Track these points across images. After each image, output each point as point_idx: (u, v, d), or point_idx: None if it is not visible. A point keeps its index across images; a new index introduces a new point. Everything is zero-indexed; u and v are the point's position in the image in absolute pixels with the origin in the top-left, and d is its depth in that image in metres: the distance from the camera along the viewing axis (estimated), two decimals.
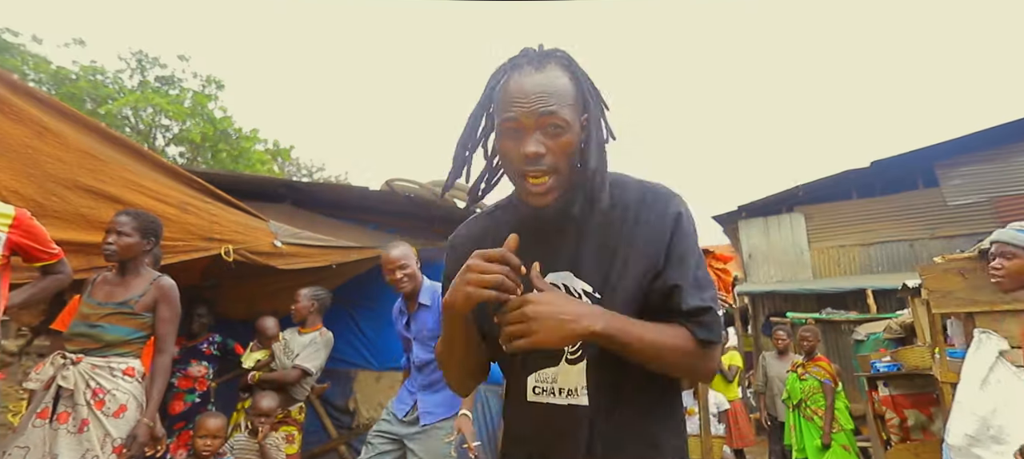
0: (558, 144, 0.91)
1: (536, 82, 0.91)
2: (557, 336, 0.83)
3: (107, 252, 2.25)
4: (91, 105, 13.19)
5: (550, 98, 0.90)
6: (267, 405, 3.00)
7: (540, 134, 0.90)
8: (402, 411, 2.70)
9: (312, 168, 19.40)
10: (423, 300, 2.65)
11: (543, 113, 0.89)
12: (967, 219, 10.37)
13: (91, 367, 2.14)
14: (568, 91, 0.93)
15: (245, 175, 5.12)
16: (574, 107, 0.93)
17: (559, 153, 0.91)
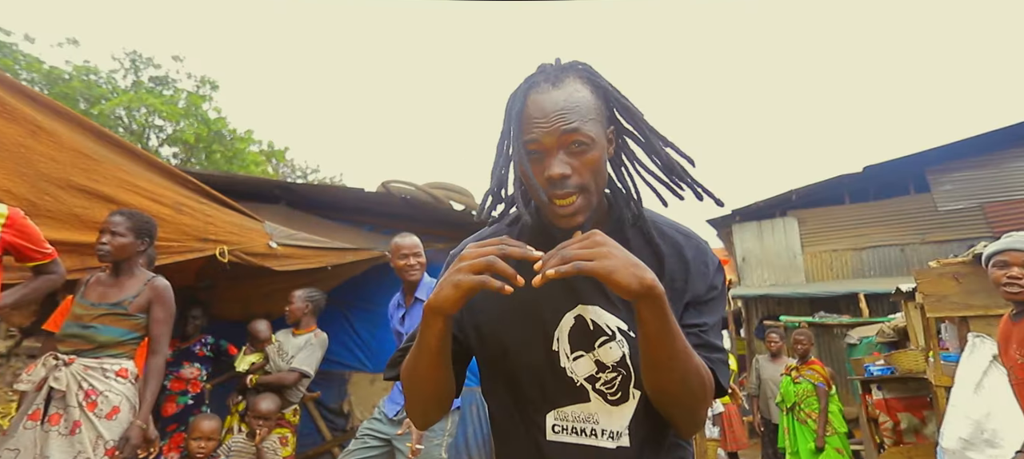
0: (583, 162, 0.85)
1: (554, 99, 0.86)
2: (628, 273, 0.73)
3: (101, 252, 2.23)
4: (84, 105, 13.09)
5: (571, 115, 0.84)
6: (266, 407, 2.98)
7: (564, 154, 0.85)
8: (392, 410, 2.68)
9: (307, 170, 19.32)
10: (420, 295, 2.68)
11: (565, 131, 0.84)
12: (958, 224, 10.47)
13: (84, 368, 2.11)
14: (590, 105, 0.87)
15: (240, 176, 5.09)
16: (598, 121, 0.87)
17: (585, 171, 0.85)
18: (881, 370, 4.50)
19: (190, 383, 3.55)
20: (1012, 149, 10.33)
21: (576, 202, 0.85)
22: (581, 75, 0.90)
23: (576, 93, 0.87)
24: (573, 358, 0.92)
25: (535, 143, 0.85)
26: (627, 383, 0.90)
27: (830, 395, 4.68)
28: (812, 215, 11.42)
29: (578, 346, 0.91)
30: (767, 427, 5.41)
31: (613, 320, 0.90)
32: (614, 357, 0.90)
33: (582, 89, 0.88)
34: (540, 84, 0.88)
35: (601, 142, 0.87)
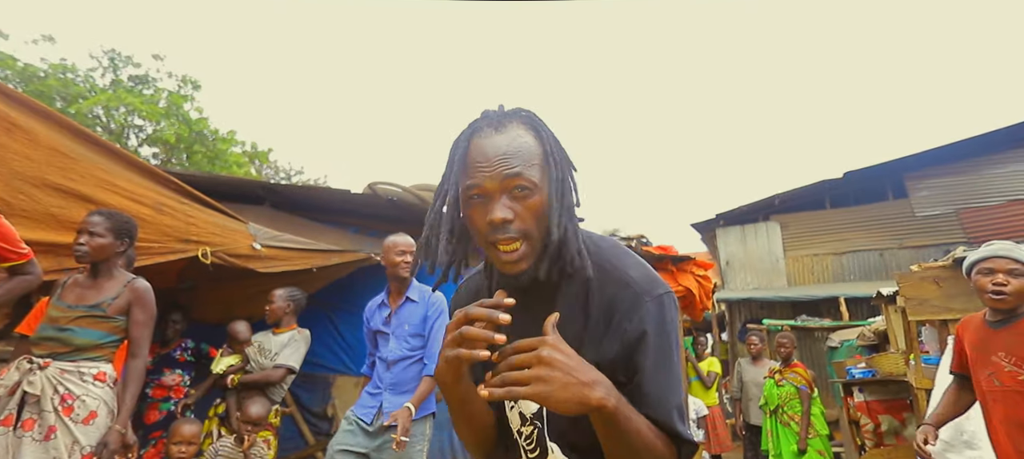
0: (526, 207, 0.83)
1: (497, 144, 0.84)
2: (566, 396, 0.71)
3: (78, 253, 2.17)
4: (61, 104, 12.80)
5: (513, 159, 0.83)
6: (256, 412, 2.92)
7: (507, 198, 0.83)
8: (368, 415, 2.61)
9: (290, 171, 19.10)
10: (412, 295, 2.69)
11: (507, 175, 0.82)
12: (934, 230, 10.69)
13: (60, 372, 2.06)
14: (533, 151, 0.86)
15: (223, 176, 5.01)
16: (541, 167, 0.86)
17: (528, 216, 0.84)
18: (862, 373, 4.57)
19: (173, 389, 3.47)
20: (987, 156, 10.59)
21: (520, 248, 0.84)
22: (524, 121, 0.90)
23: (519, 139, 0.86)
24: (509, 408, 0.94)
25: (478, 188, 0.84)
26: (542, 436, 0.89)
27: (813, 398, 4.74)
28: (794, 220, 11.59)
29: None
30: (748, 430, 5.46)
31: None
32: (531, 409, 0.90)
33: (526, 135, 0.87)
34: (483, 129, 0.87)
35: (544, 188, 0.86)
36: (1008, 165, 10.50)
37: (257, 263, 3.15)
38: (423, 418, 2.63)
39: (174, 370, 3.52)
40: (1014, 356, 1.79)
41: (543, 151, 0.88)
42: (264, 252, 3.14)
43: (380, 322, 2.71)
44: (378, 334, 2.72)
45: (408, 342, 2.63)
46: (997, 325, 1.91)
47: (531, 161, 0.85)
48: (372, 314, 2.77)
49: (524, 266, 0.85)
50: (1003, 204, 10.32)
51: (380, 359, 2.68)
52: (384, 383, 2.62)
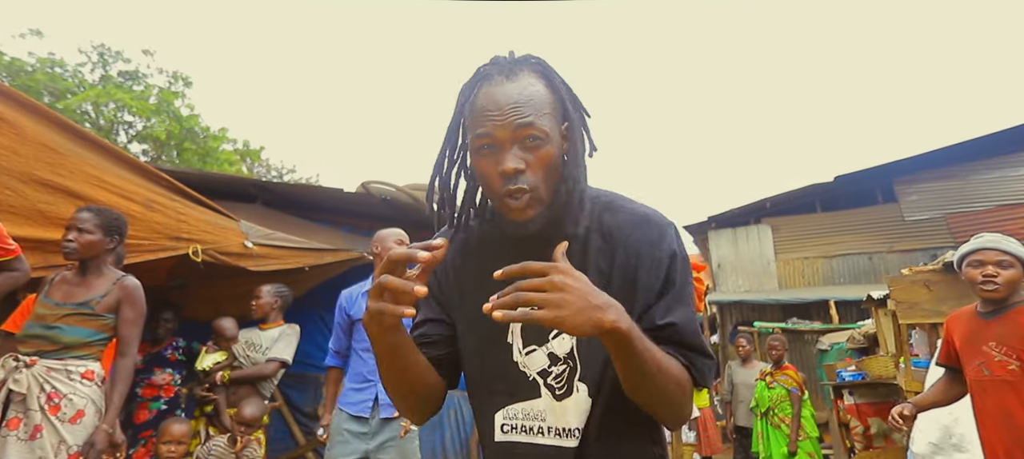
0: (538, 157, 0.83)
1: (508, 92, 0.83)
2: (581, 319, 0.70)
3: (67, 250, 2.14)
4: (49, 99, 12.65)
5: (525, 108, 0.82)
6: (250, 413, 2.88)
7: (518, 148, 0.82)
8: (365, 410, 2.53)
9: (282, 170, 18.96)
10: None
11: (519, 125, 0.81)
12: (922, 234, 10.81)
13: (46, 370, 2.02)
14: (545, 99, 0.85)
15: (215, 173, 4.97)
16: (552, 116, 0.85)
17: (539, 167, 0.83)
18: (852, 376, 4.60)
19: (163, 389, 3.43)
20: (974, 162, 10.72)
21: (529, 197, 0.83)
22: (535, 69, 0.88)
23: (531, 87, 0.84)
24: (525, 353, 0.91)
25: (488, 137, 0.82)
26: (573, 376, 0.89)
27: (803, 400, 4.77)
28: (785, 223, 11.68)
29: (531, 340, 0.91)
30: (738, 432, 5.48)
31: None
32: (565, 349, 0.89)
33: (537, 83, 0.86)
34: (494, 77, 0.85)
35: (556, 138, 0.85)
36: (995, 171, 10.64)
37: (249, 261, 3.12)
38: None
39: (165, 369, 3.48)
40: (1005, 346, 1.82)
41: (555, 100, 0.87)
42: (256, 250, 3.11)
43: (359, 312, 2.67)
44: (358, 322, 2.66)
45: None
46: (988, 316, 1.94)
47: (543, 110, 0.84)
48: (353, 303, 2.71)
49: (532, 214, 0.84)
50: (990, 210, 10.45)
51: (365, 350, 2.61)
52: (376, 374, 2.58)
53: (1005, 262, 1.88)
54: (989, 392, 1.87)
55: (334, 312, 2.80)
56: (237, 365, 3.29)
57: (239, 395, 3.16)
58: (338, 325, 2.74)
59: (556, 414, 0.88)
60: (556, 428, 0.88)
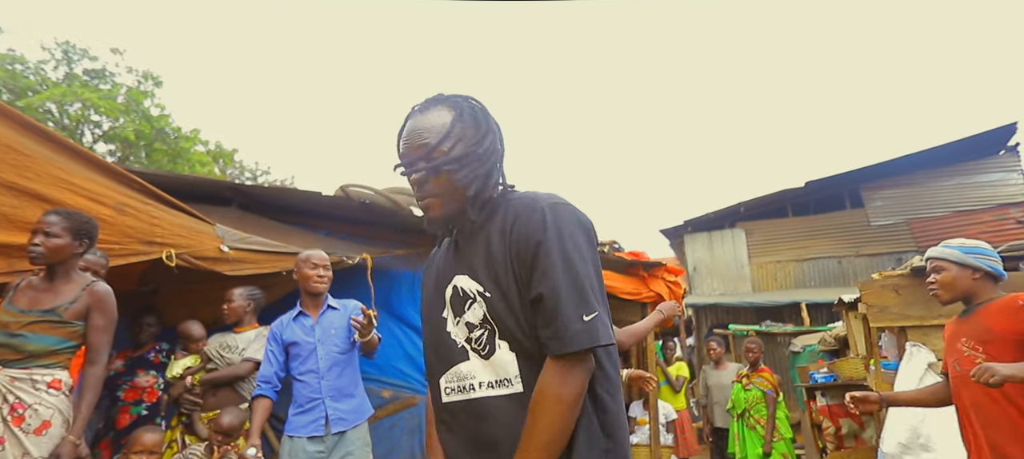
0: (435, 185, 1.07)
1: (417, 123, 1.08)
2: None
3: (33, 254, 2.06)
4: (8, 96, 12.19)
5: (426, 134, 1.06)
6: (227, 422, 2.81)
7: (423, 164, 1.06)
8: (318, 428, 2.53)
9: (257, 171, 18.63)
10: (331, 304, 2.76)
11: (416, 146, 1.07)
12: (887, 239, 11.15)
13: (10, 380, 1.95)
14: (445, 130, 1.06)
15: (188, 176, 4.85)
16: (454, 139, 1.07)
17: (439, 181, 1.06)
18: (825, 378, 4.71)
19: (146, 392, 3.34)
20: (935, 169, 11.12)
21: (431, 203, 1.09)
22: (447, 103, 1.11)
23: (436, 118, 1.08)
24: (455, 323, 1.08)
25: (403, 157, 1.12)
26: (493, 337, 1.03)
27: (777, 402, 4.86)
28: (758, 227, 11.93)
29: (456, 312, 1.08)
30: (714, 433, 5.57)
31: (473, 285, 1.05)
32: (478, 316, 1.04)
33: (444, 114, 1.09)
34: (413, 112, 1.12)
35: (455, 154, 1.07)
36: (953, 178, 11.05)
37: (225, 266, 3.05)
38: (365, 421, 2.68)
39: (148, 371, 3.39)
40: (972, 340, 1.90)
41: (457, 126, 1.08)
42: (232, 255, 3.04)
43: (302, 332, 2.67)
44: (293, 346, 2.65)
45: (337, 346, 2.65)
46: (962, 315, 2.06)
47: (443, 135, 1.06)
48: (284, 327, 2.70)
49: (434, 216, 1.09)
50: (948, 215, 10.85)
51: (306, 372, 2.61)
52: (322, 393, 2.56)
53: (938, 268, 2.05)
54: (961, 387, 1.95)
55: None
56: (210, 367, 3.21)
57: (219, 401, 3.09)
58: (271, 353, 2.69)
59: (487, 371, 1.03)
60: (488, 382, 1.02)
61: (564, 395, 0.94)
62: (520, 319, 1.00)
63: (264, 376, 2.66)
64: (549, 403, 0.93)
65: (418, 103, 1.12)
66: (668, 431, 5.19)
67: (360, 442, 2.59)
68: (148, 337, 3.49)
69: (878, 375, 3.39)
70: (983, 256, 1.96)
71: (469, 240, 1.10)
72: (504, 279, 1.01)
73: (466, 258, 1.08)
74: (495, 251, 1.03)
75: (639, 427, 4.90)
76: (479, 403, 1.02)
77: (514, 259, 1.01)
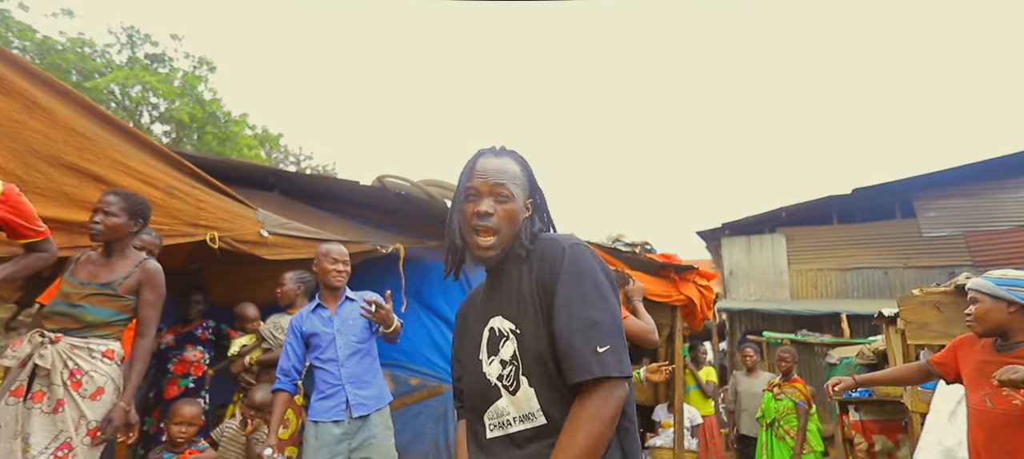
0: (504, 209, 1.16)
1: (492, 163, 1.20)
2: None
3: (93, 231, 2.21)
4: (77, 78, 12.92)
5: (502, 175, 1.18)
6: (260, 398, 2.96)
7: (491, 199, 1.16)
8: (339, 412, 2.60)
9: (300, 156, 19.21)
10: (349, 295, 2.82)
11: (495, 183, 1.17)
12: (940, 251, 10.65)
13: (70, 347, 2.10)
14: (517, 175, 1.21)
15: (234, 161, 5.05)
16: (521, 188, 1.20)
17: (503, 216, 1.16)
18: (859, 392, 4.57)
19: (193, 366, 3.56)
20: (996, 181, 10.53)
21: (492, 239, 1.15)
22: (514, 157, 1.24)
23: (509, 165, 1.21)
24: (489, 362, 1.15)
25: (473, 189, 1.18)
26: (517, 373, 1.09)
27: (810, 414, 4.75)
28: (800, 233, 11.57)
29: (491, 352, 1.15)
30: (740, 441, 5.48)
31: (506, 324, 1.13)
32: (508, 353, 1.11)
33: (514, 165, 1.22)
34: (486, 153, 1.23)
35: (519, 202, 1.19)
36: (1018, 190, 10.44)
37: (263, 250, 3.19)
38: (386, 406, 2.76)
39: (196, 347, 3.62)
40: None
41: (524, 180, 1.23)
42: (271, 239, 3.17)
43: (321, 323, 2.74)
44: (313, 337, 2.73)
45: (356, 335, 2.72)
46: (1002, 349, 1.97)
47: (514, 181, 1.19)
48: (304, 320, 2.77)
49: (491, 254, 1.16)
50: (1011, 229, 10.27)
51: (327, 361, 2.69)
52: (342, 379, 2.65)
53: (973, 298, 2.00)
54: (987, 423, 1.88)
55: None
56: (266, 347, 3.37)
57: (272, 379, 3.25)
58: (290, 346, 2.76)
59: (515, 406, 1.10)
60: (519, 416, 1.09)
61: (602, 413, 0.99)
62: (545, 353, 1.06)
63: (283, 369, 2.74)
64: (587, 418, 0.98)
65: (486, 148, 1.25)
66: (693, 436, 5.14)
67: (382, 426, 2.67)
68: (196, 314, 3.70)
69: (914, 394, 3.28)
70: (1016, 288, 1.87)
71: (502, 281, 1.18)
72: (532, 315, 1.09)
73: (499, 300, 1.17)
74: (524, 290, 1.12)
75: (663, 430, 4.88)
76: (514, 437, 1.09)
77: (539, 294, 1.10)
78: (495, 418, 1.12)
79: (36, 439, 1.97)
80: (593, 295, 1.06)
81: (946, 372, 2.23)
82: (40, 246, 2.11)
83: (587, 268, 1.09)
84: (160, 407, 3.50)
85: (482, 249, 1.15)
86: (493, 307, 1.18)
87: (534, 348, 1.07)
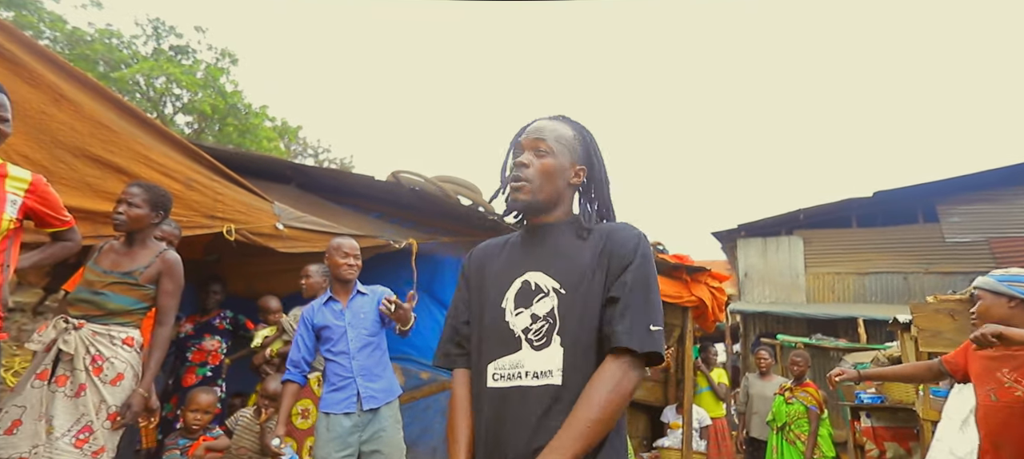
0: (542, 163, 1.21)
1: (541, 123, 1.26)
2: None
3: (117, 221, 2.28)
4: (104, 68, 13.21)
5: (544, 131, 1.23)
6: (274, 388, 3.03)
7: (531, 153, 1.22)
8: (350, 405, 2.64)
9: (318, 148, 19.42)
10: (360, 289, 2.85)
11: (536, 138, 1.23)
12: (964, 257, 10.42)
13: (92, 334, 2.17)
14: (564, 136, 1.25)
15: (253, 154, 5.14)
16: (567, 148, 1.24)
17: (540, 170, 1.20)
18: (872, 398, 4.52)
19: (210, 355, 3.66)
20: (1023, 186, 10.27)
21: (524, 186, 1.19)
22: (571, 122, 1.30)
23: (560, 127, 1.26)
24: (516, 313, 1.16)
25: (518, 144, 1.26)
26: (552, 331, 1.12)
27: (822, 419, 4.70)
28: (818, 236, 11.40)
29: (520, 303, 1.16)
30: (749, 444, 5.45)
31: (548, 281, 1.15)
32: (545, 309, 1.13)
33: (568, 129, 1.27)
34: (543, 116, 1.30)
35: (561, 159, 1.23)
36: None
37: (279, 243, 3.25)
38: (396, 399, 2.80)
39: (214, 336, 3.72)
40: (1016, 372, 1.83)
41: (575, 142, 1.26)
42: (286, 232, 3.24)
43: (332, 316, 2.78)
44: (325, 330, 2.77)
45: (367, 329, 2.76)
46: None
47: (559, 140, 1.24)
48: (315, 313, 2.81)
49: (522, 196, 1.20)
50: None
51: (338, 353, 2.73)
52: (353, 372, 2.69)
53: (976, 296, 2.02)
54: (992, 418, 1.88)
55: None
56: (287, 339, 3.44)
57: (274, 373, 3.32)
58: (301, 339, 2.80)
59: (535, 361, 1.11)
60: (534, 372, 1.11)
61: (622, 386, 1.04)
62: (588, 318, 1.11)
63: (293, 360, 2.79)
64: (606, 387, 1.03)
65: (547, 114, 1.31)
66: (701, 437, 5.13)
67: (392, 419, 2.72)
68: (214, 304, 3.78)
69: (926, 401, 3.25)
70: (1016, 283, 1.88)
71: (546, 240, 1.22)
72: (587, 280, 1.13)
73: (540, 256, 1.19)
74: (585, 259, 1.16)
75: (671, 431, 4.87)
76: (521, 390, 1.10)
77: (608, 265, 1.14)
78: (506, 369, 1.13)
79: (59, 421, 2.05)
80: (655, 288, 1.13)
81: (955, 370, 2.25)
82: (65, 235, 2.19)
83: (653, 267, 1.16)
84: (178, 394, 3.60)
85: (515, 191, 1.20)
86: (531, 262, 1.20)
87: (577, 311, 1.11)
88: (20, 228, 2.00)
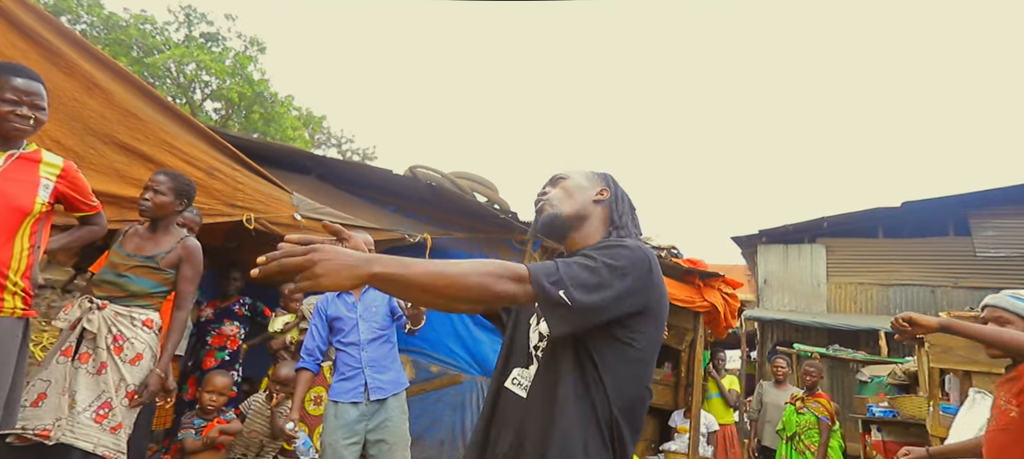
0: (562, 185, 1.35)
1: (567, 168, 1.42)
2: (337, 279, 0.90)
3: (142, 207, 2.38)
4: (138, 53, 13.58)
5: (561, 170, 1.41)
6: (285, 373, 3.12)
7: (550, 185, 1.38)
8: (357, 395, 2.71)
9: (342, 139, 19.67)
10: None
11: (554, 176, 1.40)
12: (996, 272, 10.11)
13: (114, 314, 2.27)
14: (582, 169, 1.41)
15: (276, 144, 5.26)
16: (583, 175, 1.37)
17: (559, 190, 1.34)
18: (883, 412, 4.45)
19: (229, 340, 3.78)
20: None
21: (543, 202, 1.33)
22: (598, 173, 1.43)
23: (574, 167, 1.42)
24: (535, 328, 1.25)
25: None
26: (538, 349, 1.22)
27: (833, 430, 4.65)
28: (841, 245, 11.19)
29: (538, 319, 1.24)
30: (761, 452, 5.40)
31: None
32: (545, 328, 1.18)
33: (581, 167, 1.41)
34: None
35: (579, 184, 1.36)
36: None
37: (295, 234, 3.33)
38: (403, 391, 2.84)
39: (233, 322, 3.84)
40: (1010, 393, 1.80)
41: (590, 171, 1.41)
42: (304, 223, 3.32)
43: (344, 308, 2.84)
44: (337, 321, 2.84)
45: (378, 322, 2.82)
46: (1007, 369, 1.93)
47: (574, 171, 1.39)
48: (329, 304, 2.88)
49: (546, 211, 1.31)
50: None
51: (348, 344, 2.79)
52: (362, 363, 2.75)
53: (1001, 318, 1.90)
54: (991, 441, 1.86)
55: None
56: (304, 326, 3.54)
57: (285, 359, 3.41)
58: (315, 328, 2.87)
59: (528, 373, 1.21)
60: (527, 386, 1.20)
61: (488, 268, 0.99)
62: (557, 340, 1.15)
63: (307, 349, 2.87)
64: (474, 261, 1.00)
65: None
66: (708, 442, 5.10)
67: (398, 410, 2.78)
68: (234, 290, 3.90)
69: (935, 417, 3.19)
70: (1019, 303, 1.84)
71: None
72: None
73: None
74: None
75: (678, 435, 4.87)
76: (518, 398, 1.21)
77: None
78: (521, 379, 1.22)
79: (81, 396, 2.15)
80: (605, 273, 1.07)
81: None
82: (93, 219, 2.29)
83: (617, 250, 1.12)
84: (196, 376, 3.73)
85: (537, 207, 1.34)
86: None
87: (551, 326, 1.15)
88: (51, 211, 2.10)
